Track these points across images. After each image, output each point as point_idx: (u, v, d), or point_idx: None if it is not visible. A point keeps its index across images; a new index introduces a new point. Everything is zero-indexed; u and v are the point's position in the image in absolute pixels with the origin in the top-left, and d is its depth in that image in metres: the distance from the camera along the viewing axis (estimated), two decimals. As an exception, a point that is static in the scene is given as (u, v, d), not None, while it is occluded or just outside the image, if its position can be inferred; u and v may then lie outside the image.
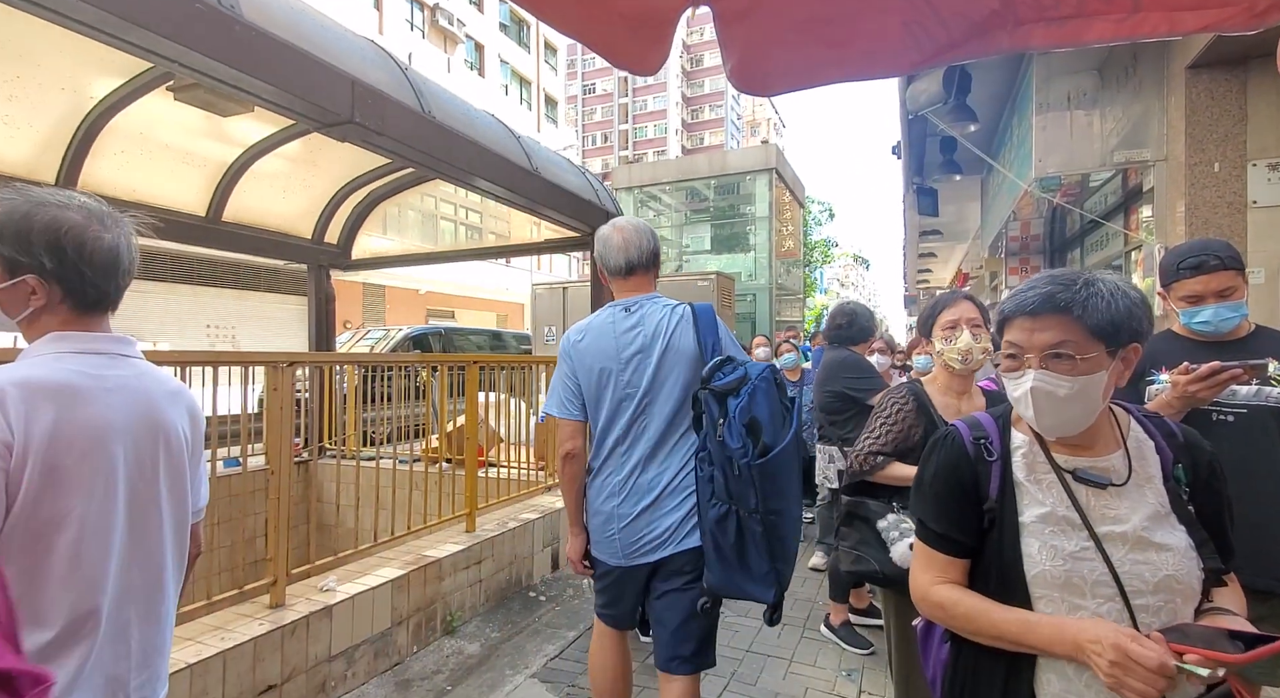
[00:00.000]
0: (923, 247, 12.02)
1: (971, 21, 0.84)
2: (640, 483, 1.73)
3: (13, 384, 0.86)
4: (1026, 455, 1.07)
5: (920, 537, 1.14)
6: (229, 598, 2.46)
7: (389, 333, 9.91)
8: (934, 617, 1.11)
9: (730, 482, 1.54)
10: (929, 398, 1.79)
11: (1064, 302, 0.97)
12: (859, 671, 2.81)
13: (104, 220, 1.00)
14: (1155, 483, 1.03)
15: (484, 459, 4.55)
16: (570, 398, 1.81)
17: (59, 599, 0.87)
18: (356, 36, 3.30)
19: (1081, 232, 6.97)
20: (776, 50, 0.91)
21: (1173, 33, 0.80)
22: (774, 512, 1.55)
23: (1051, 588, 0.98)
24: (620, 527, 1.74)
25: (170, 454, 1.03)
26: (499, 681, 2.73)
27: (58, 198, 0.97)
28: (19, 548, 0.84)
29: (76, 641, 0.88)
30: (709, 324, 1.75)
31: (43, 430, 0.86)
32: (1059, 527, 1.00)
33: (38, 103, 3.47)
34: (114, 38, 2.06)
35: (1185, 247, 1.78)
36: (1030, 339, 1.00)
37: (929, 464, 1.15)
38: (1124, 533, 0.98)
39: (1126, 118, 4.46)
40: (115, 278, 1.01)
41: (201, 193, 4.57)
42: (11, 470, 0.83)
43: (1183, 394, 1.57)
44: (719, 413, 1.56)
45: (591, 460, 1.84)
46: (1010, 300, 1.04)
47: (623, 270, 1.83)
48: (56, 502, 0.87)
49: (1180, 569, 0.96)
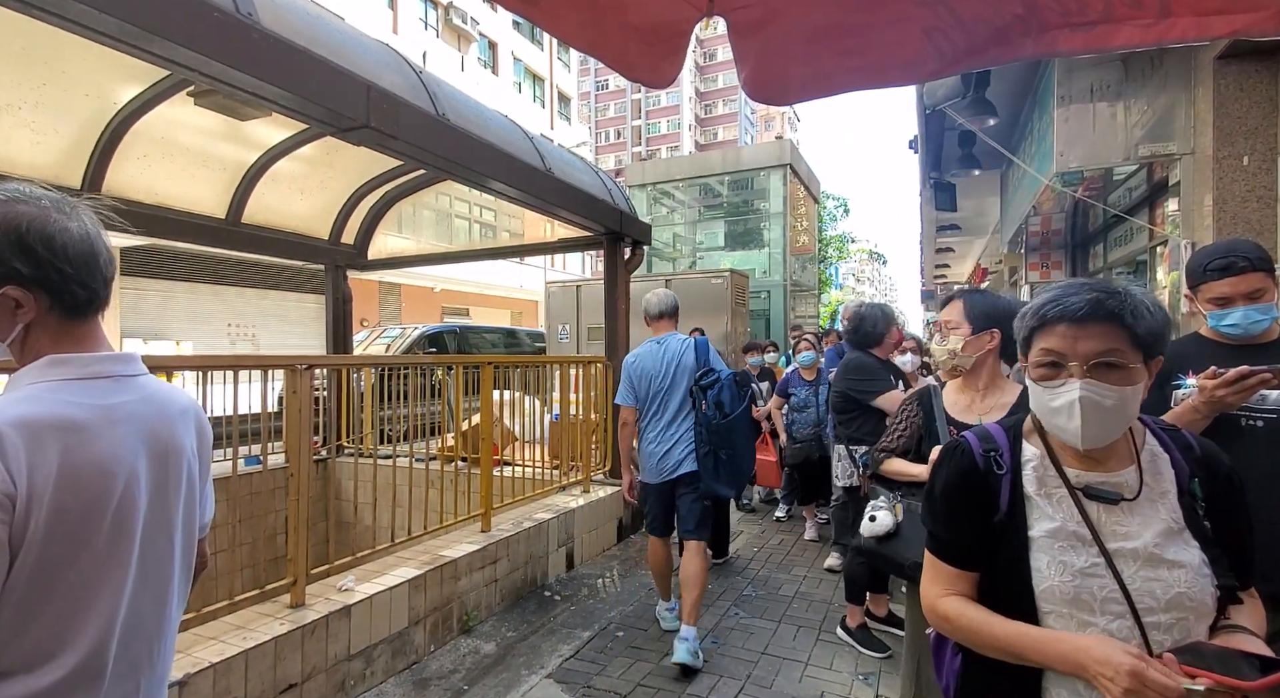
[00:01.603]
0: (940, 241, 11.84)
1: (994, 27, 0.82)
2: (667, 435, 3.03)
3: (10, 425, 0.76)
4: (1037, 469, 1.05)
5: (930, 548, 1.13)
6: (250, 598, 2.50)
7: (405, 331, 9.99)
8: (940, 629, 1.10)
9: (709, 434, 2.92)
10: (937, 398, 1.87)
11: (1114, 308, 0.93)
12: (876, 674, 2.79)
13: (61, 207, 0.86)
14: (1169, 499, 1.00)
15: (499, 458, 4.58)
16: (629, 393, 3.12)
17: (67, 640, 0.81)
18: (371, 40, 3.32)
19: (1105, 226, 6.83)
20: (792, 61, 0.89)
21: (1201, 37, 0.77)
22: (731, 449, 2.94)
23: (1060, 604, 0.96)
24: (658, 458, 3.04)
25: (182, 478, 0.97)
26: (515, 681, 2.75)
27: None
28: (24, 590, 0.77)
29: (85, 680, 0.82)
30: (704, 350, 3.10)
31: (46, 475, 0.77)
32: (1069, 542, 0.98)
33: (63, 109, 3.55)
34: (136, 48, 2.09)
35: (1212, 247, 1.73)
36: (1075, 347, 0.95)
37: (939, 475, 1.13)
38: (1135, 549, 0.96)
39: (1152, 110, 4.35)
40: (98, 270, 0.88)
41: (221, 195, 4.63)
42: (15, 524, 0.75)
43: (1210, 399, 1.53)
44: (703, 398, 2.95)
45: (641, 422, 3.14)
46: (1049, 306, 0.98)
47: (654, 318, 3.21)
48: (64, 546, 0.80)
49: (1193, 586, 0.94)
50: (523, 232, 6.42)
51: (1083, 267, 7.95)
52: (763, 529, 5.06)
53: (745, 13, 0.86)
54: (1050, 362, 0.98)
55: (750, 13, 0.86)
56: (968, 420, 1.79)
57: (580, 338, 9.31)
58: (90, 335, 0.90)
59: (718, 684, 2.70)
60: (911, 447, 1.93)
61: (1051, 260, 8.54)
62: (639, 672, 2.81)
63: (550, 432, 5.00)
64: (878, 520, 1.80)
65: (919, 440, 1.90)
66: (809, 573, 4.04)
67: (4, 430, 0.76)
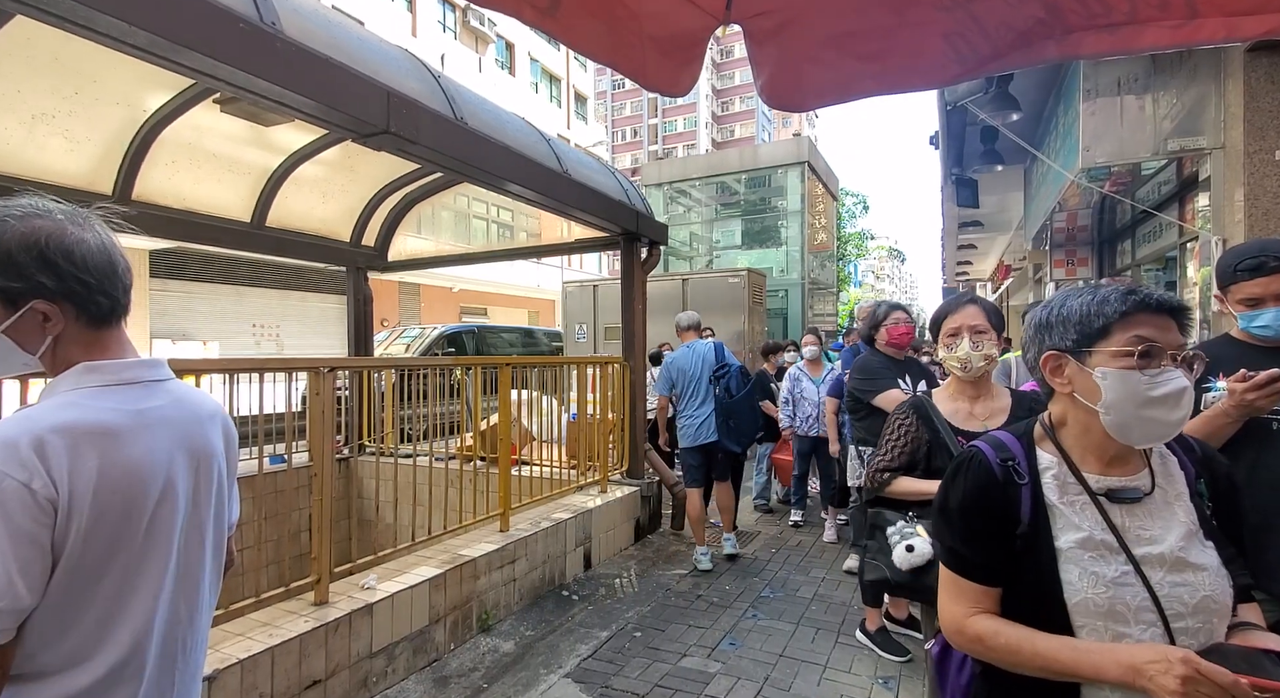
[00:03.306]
0: (962, 238, 11.65)
1: (1017, 31, 0.81)
2: (699, 412, 4.18)
3: (52, 431, 0.78)
4: (1057, 477, 1.02)
5: (948, 565, 1.08)
6: (276, 595, 2.55)
7: (424, 331, 10.11)
8: (971, 651, 1.05)
9: (722, 409, 4.15)
10: (934, 408, 1.79)
11: (1179, 304, 0.95)
12: (895, 678, 2.76)
13: (75, 220, 0.88)
14: (1184, 499, 1.00)
15: (517, 457, 4.61)
16: (667, 385, 4.39)
17: (106, 640, 0.84)
18: (391, 46, 3.36)
19: (1133, 223, 6.67)
20: (810, 67, 0.89)
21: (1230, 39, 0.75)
22: (738, 419, 4.17)
23: (1095, 617, 0.93)
24: (694, 428, 4.18)
25: (211, 478, 1.00)
26: (534, 680, 2.77)
27: (3, 209, 0.85)
28: (65, 593, 0.80)
29: (124, 679, 0.85)
30: (720, 351, 4.33)
31: (87, 480, 0.80)
32: (1098, 552, 0.96)
33: (95, 117, 3.64)
34: (165, 59, 2.14)
35: (1243, 247, 1.69)
36: (1168, 337, 0.94)
37: (954, 489, 1.08)
38: (1161, 554, 0.95)
39: (1181, 103, 4.24)
40: (118, 279, 0.90)
41: (246, 199, 4.73)
42: (57, 529, 0.78)
43: (1240, 403, 1.49)
44: (717, 385, 4.18)
45: (680, 404, 4.33)
46: (1136, 295, 0.96)
47: (684, 330, 4.48)
48: (104, 549, 0.82)
49: (1216, 589, 0.93)
50: (540, 232, 6.45)
51: (1110, 263, 7.77)
52: (780, 530, 5.04)
53: (762, 20, 0.86)
54: (1150, 349, 0.93)
55: (767, 20, 0.86)
56: (972, 429, 1.74)
57: (597, 337, 9.34)
58: (117, 343, 0.93)
59: (735, 687, 2.69)
60: (918, 461, 1.78)
61: (1077, 257, 8.36)
62: (656, 672, 2.82)
63: (568, 432, 5.03)
64: (916, 550, 1.62)
65: (926, 454, 1.77)
66: (827, 575, 4.01)
67: (46, 437, 0.78)
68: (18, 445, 0.76)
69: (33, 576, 0.76)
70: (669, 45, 0.88)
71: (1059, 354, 1.02)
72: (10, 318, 0.83)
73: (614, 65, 0.90)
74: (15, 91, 3.30)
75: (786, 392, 5.10)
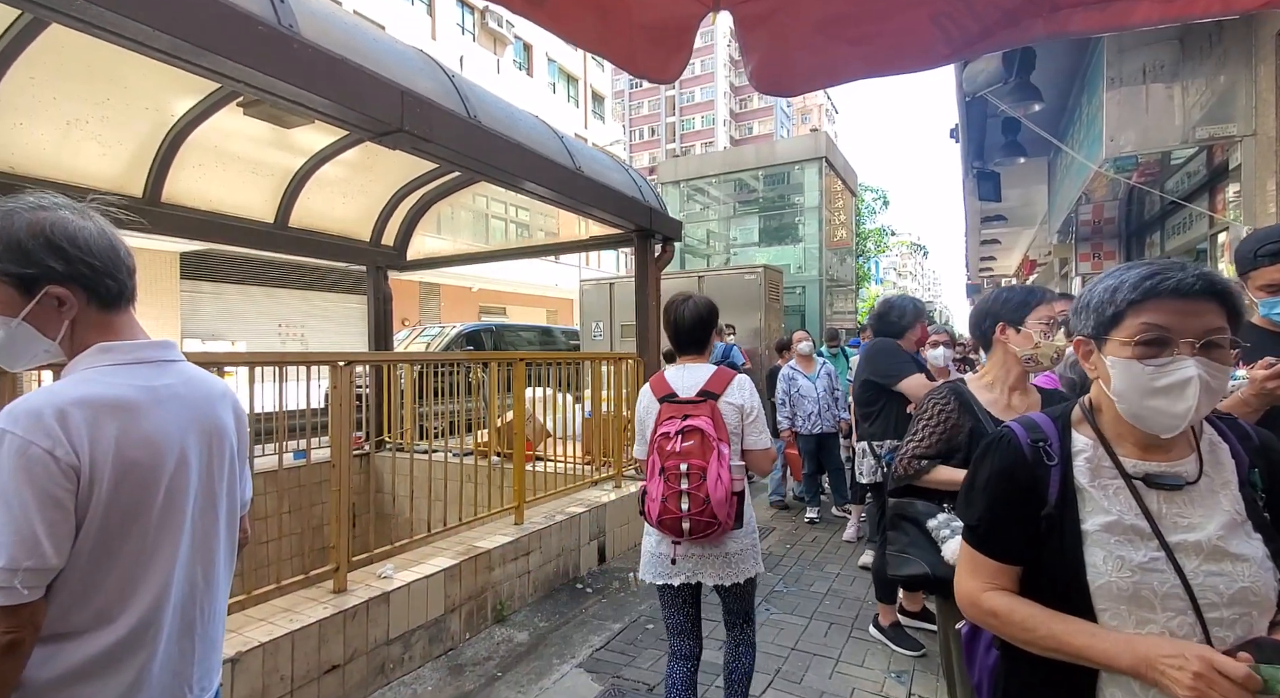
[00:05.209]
0: (985, 233, 11.44)
1: (1004, 10, 0.81)
2: None
3: (74, 404, 0.85)
4: (1090, 460, 1.01)
5: (970, 542, 1.09)
6: (296, 582, 2.63)
7: (443, 330, 10.24)
8: (985, 624, 1.06)
9: None
10: (973, 396, 1.71)
11: (1221, 286, 0.90)
12: (909, 673, 2.74)
13: (76, 210, 0.94)
14: (1231, 489, 0.97)
15: (532, 454, 4.66)
16: None
17: (127, 602, 0.89)
18: (405, 46, 3.42)
19: (1161, 214, 6.50)
20: (800, 51, 0.89)
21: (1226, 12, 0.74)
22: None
23: (1117, 601, 0.92)
24: None
25: (223, 455, 1.05)
26: (546, 669, 2.81)
27: (9, 204, 0.91)
28: (89, 557, 0.86)
29: (145, 641, 0.91)
30: (726, 349, 5.79)
31: (106, 449, 0.86)
32: (1126, 536, 0.95)
33: (125, 122, 3.77)
34: (188, 62, 2.22)
35: (1264, 232, 1.65)
36: (1186, 323, 0.90)
37: (982, 467, 1.09)
38: (1198, 542, 0.92)
39: (1210, 90, 4.12)
40: (121, 262, 0.96)
41: (270, 200, 4.85)
42: (80, 494, 0.84)
43: (1260, 391, 1.46)
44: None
45: None
46: (1152, 280, 0.92)
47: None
48: (123, 516, 0.88)
49: (1257, 581, 0.90)
50: (557, 230, 6.51)
51: (1138, 256, 7.57)
52: (796, 527, 5.02)
53: (751, 6, 0.87)
54: (1155, 338, 0.92)
55: (757, 6, 0.87)
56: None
57: (614, 335, 9.38)
58: (128, 326, 0.98)
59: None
60: (957, 449, 1.69)
61: (1104, 251, 8.17)
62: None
63: (583, 427, 5.07)
64: None
65: (966, 442, 1.67)
66: (842, 571, 3.99)
67: (68, 409, 0.84)
68: (42, 416, 0.82)
69: (59, 537, 0.82)
70: (659, 33, 0.90)
71: (1085, 340, 1.02)
72: (28, 305, 0.89)
73: (603, 53, 0.91)
74: (51, 98, 3.43)
75: (782, 393, 5.04)
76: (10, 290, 0.89)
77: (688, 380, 2.03)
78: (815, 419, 4.90)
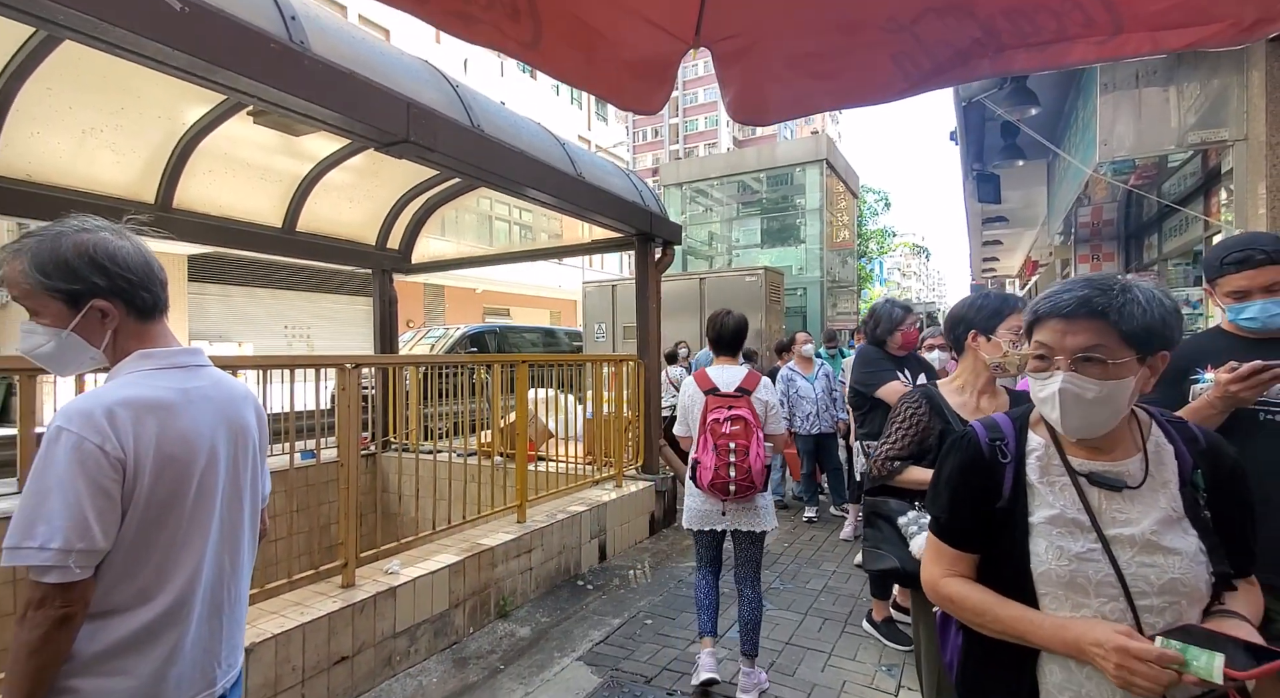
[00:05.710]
0: (988, 234, 11.47)
1: (956, 49, 0.89)
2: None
3: (120, 404, 0.95)
4: (1041, 458, 1.10)
5: (934, 531, 1.19)
6: (306, 578, 2.72)
7: (448, 332, 10.35)
8: (945, 608, 1.17)
9: None
10: (943, 399, 1.79)
11: (1100, 306, 0.98)
12: (899, 666, 2.82)
13: (114, 231, 1.05)
14: (1170, 488, 1.04)
15: (534, 454, 4.75)
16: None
17: (164, 583, 0.99)
18: (411, 58, 3.52)
19: (1159, 216, 6.55)
20: (771, 85, 0.98)
21: (1156, 51, 0.82)
22: None
23: (1056, 586, 1.02)
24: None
25: (248, 451, 1.15)
26: (548, 662, 2.90)
27: (57, 227, 1.01)
28: (132, 542, 0.96)
29: (179, 619, 1.01)
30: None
31: (148, 444, 0.96)
32: (1067, 528, 1.03)
33: (138, 131, 3.88)
34: (203, 79, 2.32)
35: (1231, 240, 1.72)
36: (1062, 341, 1.01)
37: (946, 463, 1.19)
38: (1132, 536, 1.01)
39: (1204, 96, 4.18)
40: (155, 276, 1.06)
41: (277, 205, 4.96)
42: (125, 484, 0.94)
43: (1224, 394, 1.53)
44: None
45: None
46: (1044, 301, 1.05)
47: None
48: (161, 506, 0.98)
49: (1187, 572, 0.98)
50: (560, 233, 6.60)
51: (1136, 258, 7.62)
52: (794, 526, 5.09)
53: (728, 43, 0.95)
54: (1040, 354, 1.04)
55: (733, 43, 0.95)
56: None
57: (616, 337, 9.47)
58: (163, 334, 1.09)
59: (740, 671, 2.77)
60: (928, 450, 1.76)
61: (1103, 252, 8.22)
62: (665, 657, 2.92)
63: (585, 428, 5.16)
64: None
65: (937, 444, 1.74)
66: (838, 569, 4.06)
67: (115, 409, 0.94)
68: (93, 415, 0.93)
69: (107, 523, 0.93)
70: (643, 69, 0.98)
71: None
72: (76, 317, 1.00)
73: (592, 90, 1.00)
74: (67, 108, 3.54)
75: (780, 394, 5.08)
76: (60, 305, 0.99)
77: (727, 378, 2.63)
78: (813, 420, 4.97)
